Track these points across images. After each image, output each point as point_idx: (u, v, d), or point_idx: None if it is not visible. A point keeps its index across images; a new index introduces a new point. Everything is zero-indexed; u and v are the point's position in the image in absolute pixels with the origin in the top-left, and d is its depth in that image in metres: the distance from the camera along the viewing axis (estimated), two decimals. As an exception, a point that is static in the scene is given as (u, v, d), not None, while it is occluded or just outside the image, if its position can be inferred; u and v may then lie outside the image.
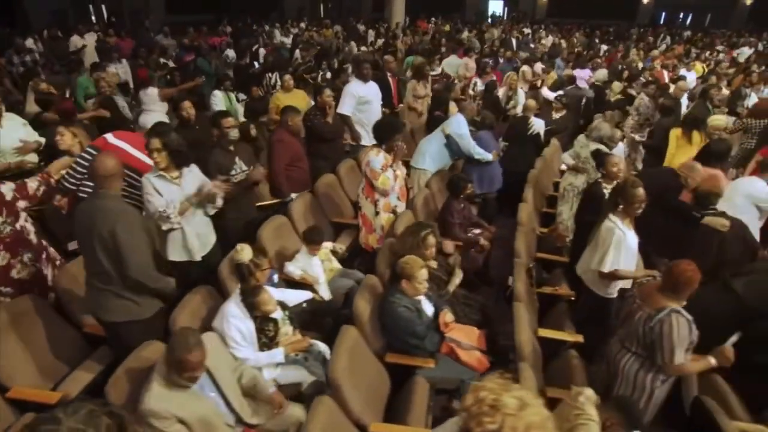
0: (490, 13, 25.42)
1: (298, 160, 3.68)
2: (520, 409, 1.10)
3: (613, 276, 2.66)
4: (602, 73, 8.15)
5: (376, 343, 2.53)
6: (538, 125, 5.27)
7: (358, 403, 2.07)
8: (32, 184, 2.71)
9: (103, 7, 15.35)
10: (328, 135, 4.15)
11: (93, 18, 14.62)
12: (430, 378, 2.46)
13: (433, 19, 17.58)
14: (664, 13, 25.41)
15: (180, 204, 2.71)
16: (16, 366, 2.23)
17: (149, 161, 2.81)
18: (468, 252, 3.74)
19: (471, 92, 7.09)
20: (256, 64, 7.96)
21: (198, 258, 2.93)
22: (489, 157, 4.31)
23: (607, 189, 3.30)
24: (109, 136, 3.02)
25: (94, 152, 2.93)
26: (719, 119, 4.61)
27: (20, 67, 7.02)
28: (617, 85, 7.88)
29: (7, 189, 2.61)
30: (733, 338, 2.30)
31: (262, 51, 8.49)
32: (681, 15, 25.22)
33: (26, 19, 13.04)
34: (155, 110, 4.96)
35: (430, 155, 4.29)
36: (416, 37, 11.77)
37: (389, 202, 3.52)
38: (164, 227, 2.77)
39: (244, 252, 2.44)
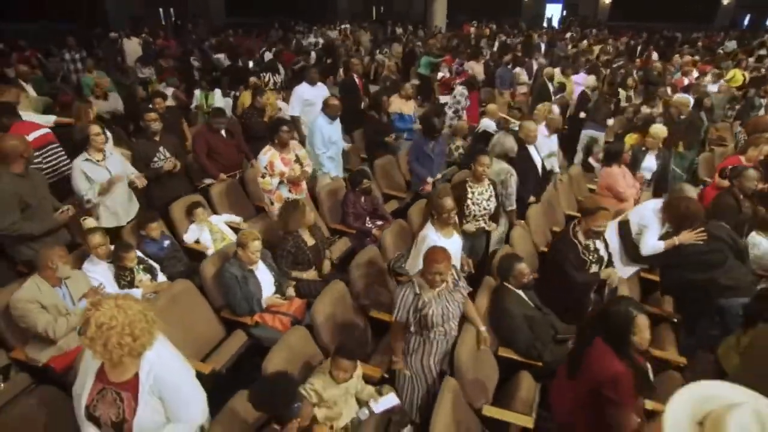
0: (549, 17, 24.70)
1: (215, 153, 4.31)
2: (110, 309, 1.52)
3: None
4: (590, 80, 7.93)
5: (217, 301, 3.06)
6: (485, 125, 5.50)
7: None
8: None
9: (171, 10, 17.25)
10: (258, 133, 4.74)
11: (162, 21, 16.57)
12: (255, 335, 2.95)
13: (474, 22, 17.58)
14: (748, 16, 23.00)
15: (99, 187, 3.41)
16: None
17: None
18: (363, 240, 4.14)
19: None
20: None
21: (124, 223, 3.66)
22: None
23: (471, 188, 3.53)
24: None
25: None
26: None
27: (71, 64, 8.38)
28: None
29: None
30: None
31: (267, 54, 9.29)
32: (770, 18, 22.64)
33: (107, 21, 15.11)
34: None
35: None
36: (435, 40, 12.01)
37: (281, 194, 4.00)
38: (87, 206, 3.51)
39: (85, 222, 3.28)
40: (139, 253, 3.21)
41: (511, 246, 3.75)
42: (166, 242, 3.53)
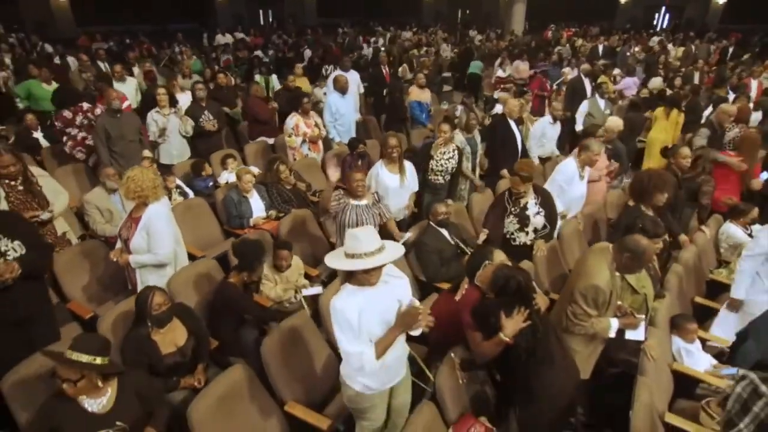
0: (656, 21, 23.18)
1: (261, 116, 5.59)
2: (137, 171, 2.70)
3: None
4: (656, 82, 7.87)
5: (223, 217, 4.18)
6: (497, 109, 6.13)
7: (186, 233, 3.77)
8: None
9: (270, 11, 19.56)
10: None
11: (261, 20, 18.91)
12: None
13: (553, 26, 17.36)
14: None
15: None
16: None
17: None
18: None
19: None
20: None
21: (176, 162, 5.02)
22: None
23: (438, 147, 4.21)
24: None
25: None
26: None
27: (179, 55, 10.39)
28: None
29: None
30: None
31: (307, 52, 10.80)
32: None
33: (215, 19, 17.71)
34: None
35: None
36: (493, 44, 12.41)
37: (302, 152, 5.10)
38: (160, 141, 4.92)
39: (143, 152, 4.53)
40: (178, 181, 4.44)
41: (468, 208, 4.41)
42: (209, 181, 4.77)
